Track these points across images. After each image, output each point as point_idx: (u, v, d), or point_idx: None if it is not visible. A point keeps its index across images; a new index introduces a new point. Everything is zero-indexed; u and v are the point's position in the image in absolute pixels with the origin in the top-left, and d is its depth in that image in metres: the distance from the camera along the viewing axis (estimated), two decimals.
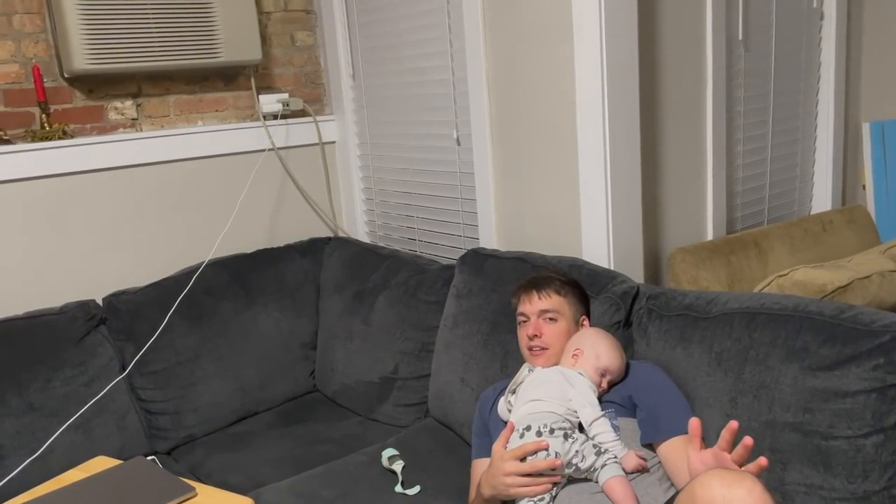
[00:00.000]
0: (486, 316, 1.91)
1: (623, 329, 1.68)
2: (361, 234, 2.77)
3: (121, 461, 1.61)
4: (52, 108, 2.22)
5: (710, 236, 2.33)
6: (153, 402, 2.12)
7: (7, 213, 2.14)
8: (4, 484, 1.79)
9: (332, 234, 2.74)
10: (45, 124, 2.18)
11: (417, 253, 2.48)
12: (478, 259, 2.04)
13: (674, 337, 1.56)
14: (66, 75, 2.21)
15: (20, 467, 1.81)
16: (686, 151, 2.25)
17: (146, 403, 2.12)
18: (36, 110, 2.20)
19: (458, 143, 2.29)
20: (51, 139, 2.19)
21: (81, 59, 2.13)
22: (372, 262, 2.36)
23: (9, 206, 2.14)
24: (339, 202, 2.82)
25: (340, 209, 2.82)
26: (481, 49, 2.09)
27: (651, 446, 1.44)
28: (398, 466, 1.78)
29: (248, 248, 2.53)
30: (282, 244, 2.56)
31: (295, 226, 2.70)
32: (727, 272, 2.05)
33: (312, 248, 2.55)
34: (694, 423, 1.18)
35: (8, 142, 2.15)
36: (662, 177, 2.21)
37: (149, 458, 1.60)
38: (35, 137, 2.19)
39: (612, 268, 1.88)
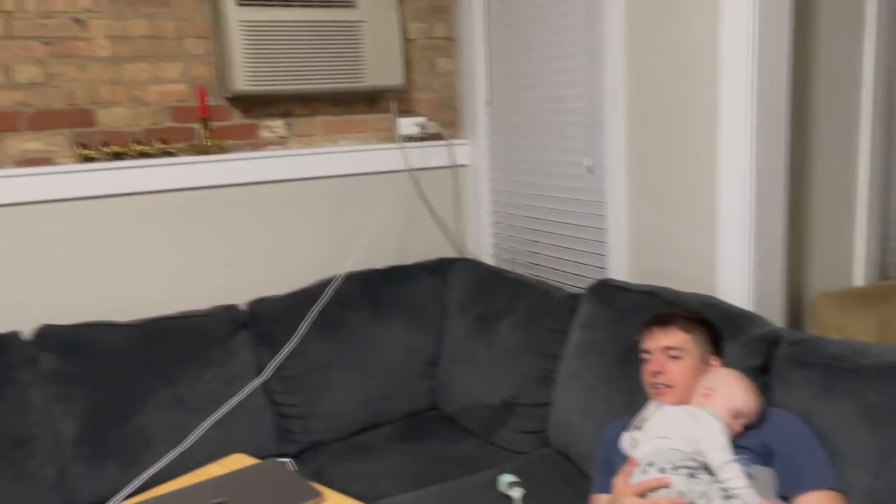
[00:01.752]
0: (612, 349, 1.88)
1: (760, 375, 1.61)
2: (487, 256, 2.81)
3: (258, 460, 1.70)
4: (213, 124, 2.40)
5: (859, 281, 2.18)
6: (285, 406, 2.24)
7: (168, 218, 2.34)
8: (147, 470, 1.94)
9: (458, 255, 2.79)
10: (206, 140, 2.37)
11: (542, 279, 2.48)
12: (607, 290, 2.02)
13: (817, 387, 1.48)
14: (226, 95, 2.39)
15: (168, 457, 1.95)
16: (835, 187, 2.13)
17: (279, 407, 2.24)
18: (198, 126, 2.39)
19: (590, 172, 2.27)
20: (209, 153, 2.38)
21: (242, 81, 2.30)
22: (497, 286, 2.38)
23: (170, 213, 2.34)
24: (467, 224, 2.87)
25: (468, 231, 2.87)
26: (620, 77, 2.08)
27: (786, 498, 1.36)
28: (517, 493, 1.78)
29: (380, 263, 2.62)
30: (411, 262, 2.63)
31: (424, 245, 2.77)
32: (878, 322, 1.92)
33: (440, 268, 2.60)
34: None
35: (173, 154, 2.35)
36: (808, 214, 2.10)
37: (283, 460, 1.69)
38: (196, 151, 2.38)
39: (750, 309, 1.81)
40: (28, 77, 2.15)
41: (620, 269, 2.18)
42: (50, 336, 2.04)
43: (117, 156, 2.27)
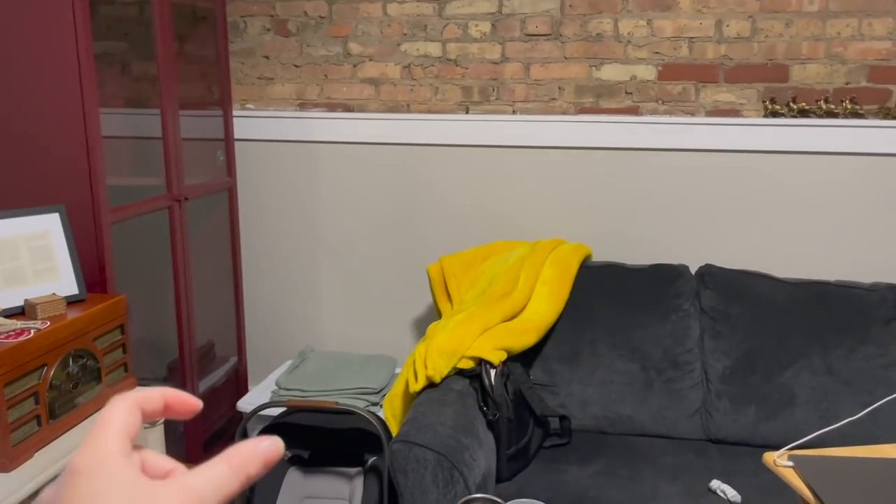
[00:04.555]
0: None
1: None
2: None
3: None
4: None
5: None
6: None
7: (844, 183, 2.24)
8: (790, 428, 1.94)
9: None
10: None
11: None
12: None
13: None
14: None
15: (836, 425, 1.92)
16: None
17: None
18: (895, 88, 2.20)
19: None
20: None
21: None
22: None
23: (849, 177, 2.23)
24: None
25: None
26: None
27: None
28: None
29: None
30: None
31: None
32: None
33: None
34: None
35: (861, 116, 2.22)
36: None
37: None
38: (888, 115, 2.20)
39: None
40: (735, 31, 2.27)
41: None
42: (712, 275, 2.19)
43: (803, 113, 2.26)
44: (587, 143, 2.40)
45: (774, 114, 2.27)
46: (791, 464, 1.48)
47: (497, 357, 1.94)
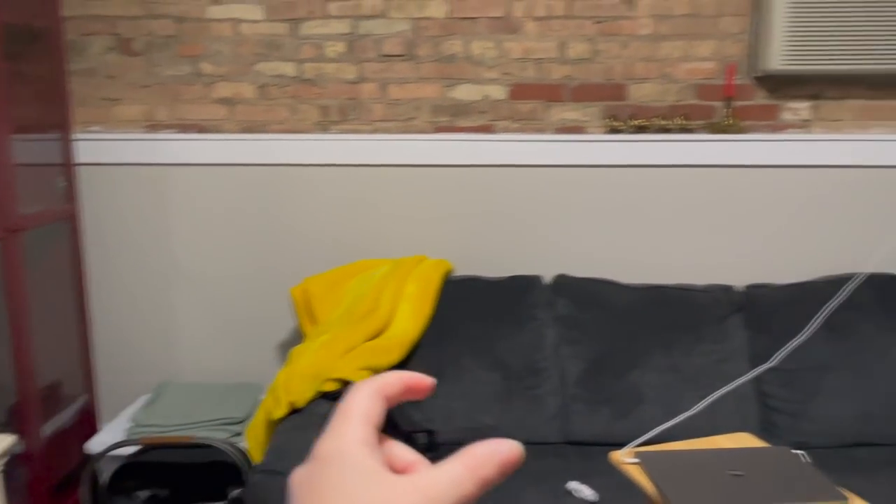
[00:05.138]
0: None
1: None
2: None
3: (766, 444, 1.68)
4: (735, 104, 2.39)
5: None
6: (773, 398, 2.16)
7: (679, 192, 2.42)
8: (640, 426, 2.06)
9: None
10: (728, 119, 2.37)
11: None
12: None
13: None
14: (755, 75, 2.35)
15: (674, 420, 2.05)
16: None
17: (767, 398, 2.17)
18: (721, 105, 2.40)
19: None
20: (727, 132, 2.37)
21: (776, 60, 2.23)
22: None
23: (682, 187, 2.41)
24: None
25: None
26: None
27: None
28: None
29: None
30: None
31: None
32: None
33: None
34: None
35: (691, 131, 2.41)
36: None
37: (797, 452, 1.63)
38: (713, 129, 2.40)
39: None
40: (577, 53, 2.41)
41: None
42: (565, 284, 2.30)
43: (640, 129, 2.42)
44: (445, 160, 2.46)
45: (615, 130, 2.42)
46: (637, 460, 1.58)
47: (362, 377, 1.94)
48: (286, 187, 2.48)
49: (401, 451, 0.37)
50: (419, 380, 0.39)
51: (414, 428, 2.03)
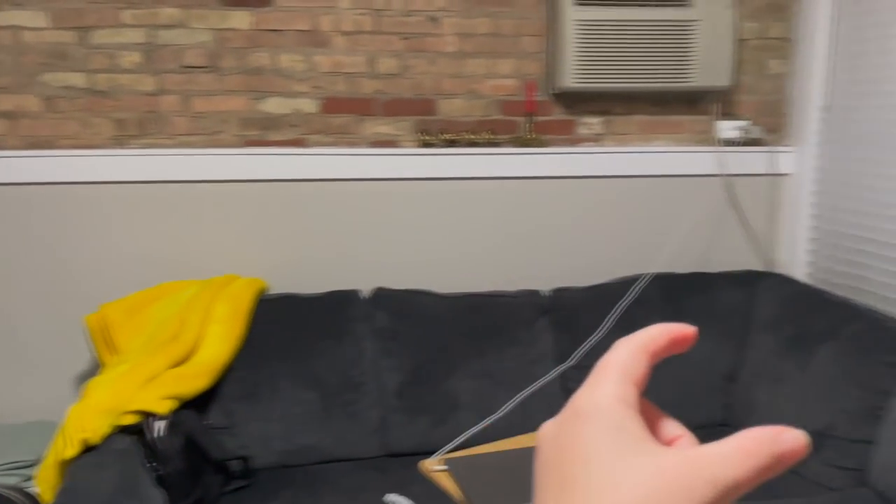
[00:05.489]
0: None
1: None
2: (800, 274, 2.61)
3: None
4: (536, 119, 2.53)
5: None
6: None
7: (489, 203, 2.51)
8: (457, 432, 2.12)
9: (764, 269, 2.63)
10: (529, 133, 2.50)
11: (870, 305, 2.24)
12: None
13: None
14: (552, 91, 2.50)
15: (485, 422, 2.11)
16: None
17: (572, 395, 2.30)
18: (523, 120, 2.53)
19: None
20: (530, 146, 2.51)
21: (569, 78, 2.39)
22: (817, 307, 2.21)
23: (491, 198, 2.51)
24: (779, 238, 2.69)
25: (779, 245, 2.69)
26: None
27: None
28: None
29: (682, 268, 2.57)
30: (714, 270, 2.54)
31: (728, 254, 2.66)
32: None
33: (748, 280, 2.48)
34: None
35: (498, 145, 2.52)
36: None
37: None
38: (518, 143, 2.52)
39: None
40: (387, 68, 2.44)
41: None
42: (384, 297, 2.31)
43: (451, 143, 2.49)
44: (256, 175, 2.39)
45: (427, 144, 2.47)
46: (445, 467, 1.61)
47: (166, 406, 1.83)
48: (80, 207, 2.30)
49: (667, 422, 0.34)
50: (683, 329, 0.36)
51: (226, 455, 1.95)
